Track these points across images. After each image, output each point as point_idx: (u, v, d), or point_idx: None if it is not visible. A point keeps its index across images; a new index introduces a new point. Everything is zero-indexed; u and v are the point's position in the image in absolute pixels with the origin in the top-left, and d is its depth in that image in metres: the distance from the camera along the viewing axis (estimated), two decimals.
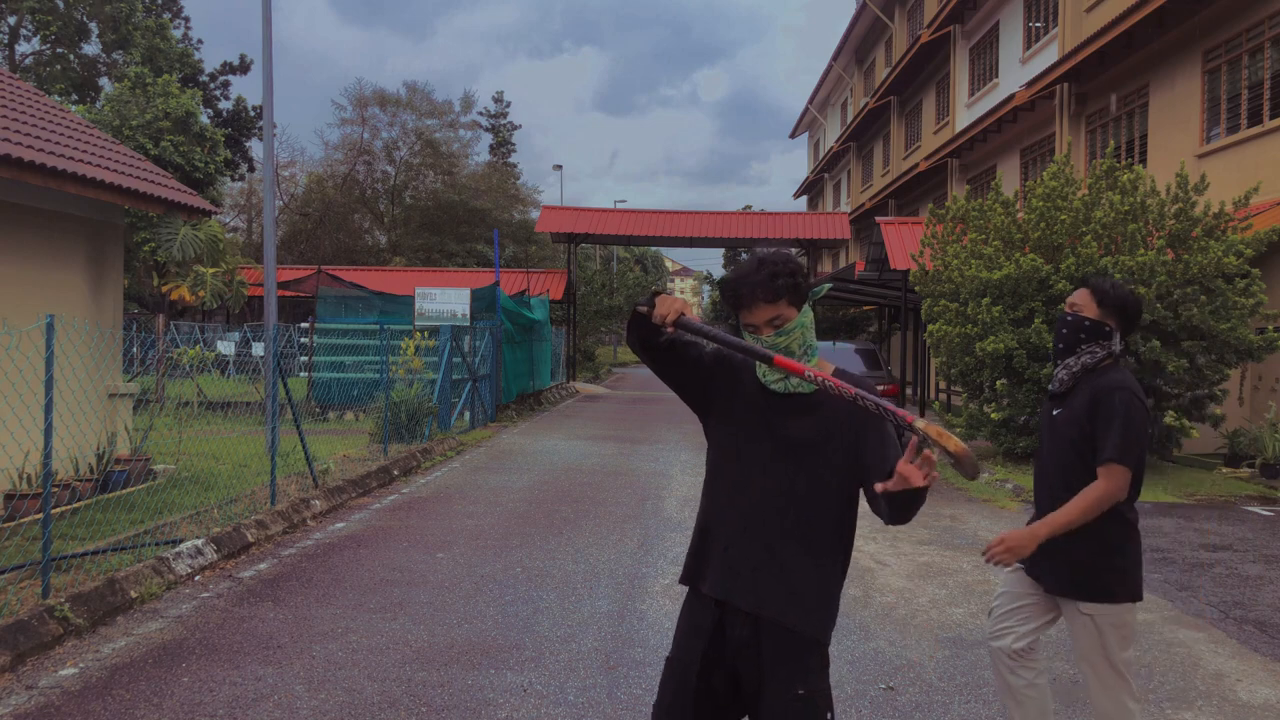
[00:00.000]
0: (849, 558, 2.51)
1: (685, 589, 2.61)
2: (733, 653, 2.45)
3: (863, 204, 34.05)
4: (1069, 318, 3.31)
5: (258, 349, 20.54)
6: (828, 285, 2.69)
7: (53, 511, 5.89)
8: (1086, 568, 3.23)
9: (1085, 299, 3.31)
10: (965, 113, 24.58)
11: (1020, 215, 12.55)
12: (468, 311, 16.82)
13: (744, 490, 2.48)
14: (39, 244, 8.37)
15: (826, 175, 46.25)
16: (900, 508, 2.29)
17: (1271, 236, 10.94)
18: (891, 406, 2.22)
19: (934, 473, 2.15)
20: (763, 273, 2.41)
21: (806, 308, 2.48)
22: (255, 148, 39.93)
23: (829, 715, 2.44)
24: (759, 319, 2.43)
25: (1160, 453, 11.80)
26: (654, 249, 71.90)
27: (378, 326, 17.11)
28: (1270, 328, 10.97)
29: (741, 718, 2.52)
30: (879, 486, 2.23)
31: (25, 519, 6.83)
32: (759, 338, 2.43)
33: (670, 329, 2.37)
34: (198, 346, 20.89)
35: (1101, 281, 3.34)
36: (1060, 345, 3.34)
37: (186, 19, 41.88)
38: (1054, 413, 3.38)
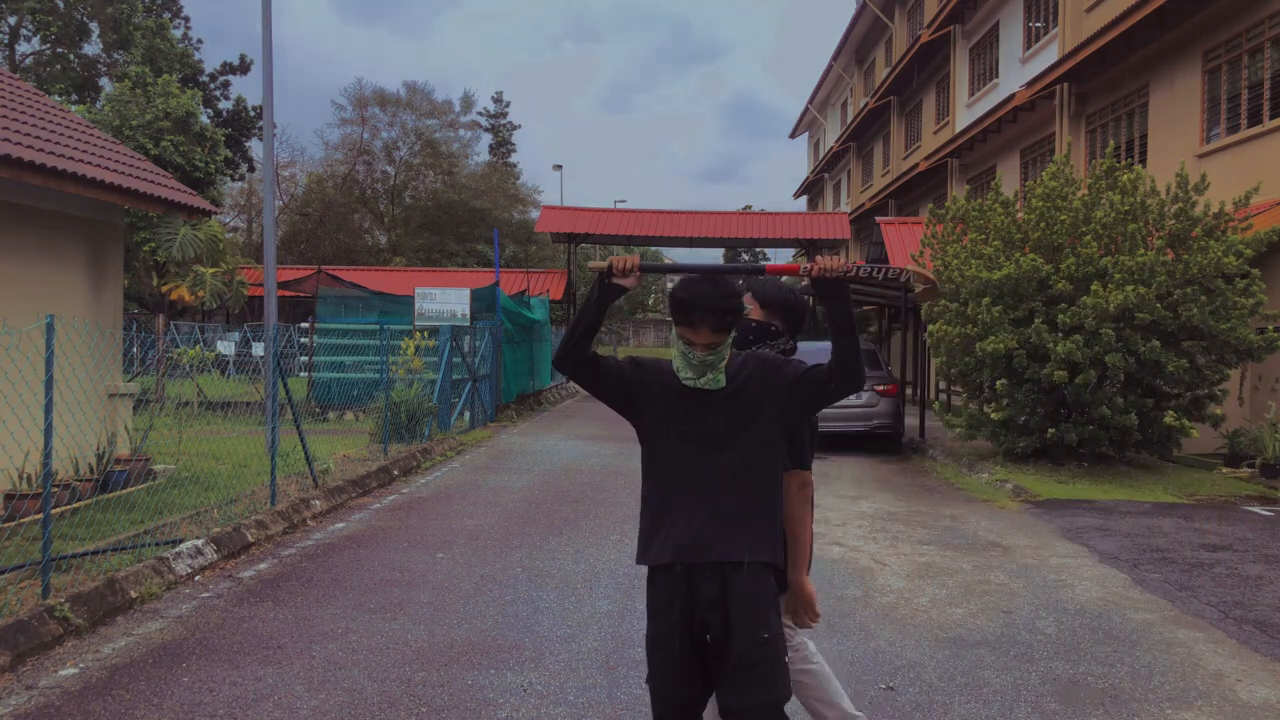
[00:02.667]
0: (780, 486, 2.93)
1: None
2: (703, 613, 2.76)
3: (863, 204, 34.03)
4: (753, 325, 3.40)
5: (258, 349, 20.53)
6: (746, 307, 3.07)
7: (53, 511, 5.89)
8: None
9: (750, 302, 3.40)
10: (965, 113, 24.57)
11: (1020, 215, 12.55)
12: (468, 311, 16.81)
13: (692, 463, 2.80)
14: (39, 244, 8.37)
15: (826, 175, 46.24)
16: (833, 334, 2.78)
17: (1271, 236, 10.94)
18: (881, 265, 2.82)
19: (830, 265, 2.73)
20: (720, 306, 2.72)
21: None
22: (255, 148, 39.94)
23: (785, 659, 2.84)
24: (700, 340, 2.75)
25: (1160, 453, 11.80)
26: (654, 249, 71.86)
27: (378, 326, 17.11)
28: (1270, 328, 10.96)
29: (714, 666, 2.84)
30: (809, 267, 2.73)
31: (25, 519, 6.83)
32: (692, 351, 2.76)
33: (635, 276, 2.76)
34: (198, 346, 20.88)
35: (762, 286, 3.42)
36: (735, 348, 3.42)
37: (186, 19, 41.88)
38: None
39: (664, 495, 2.84)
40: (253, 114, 37.95)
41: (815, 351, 15.69)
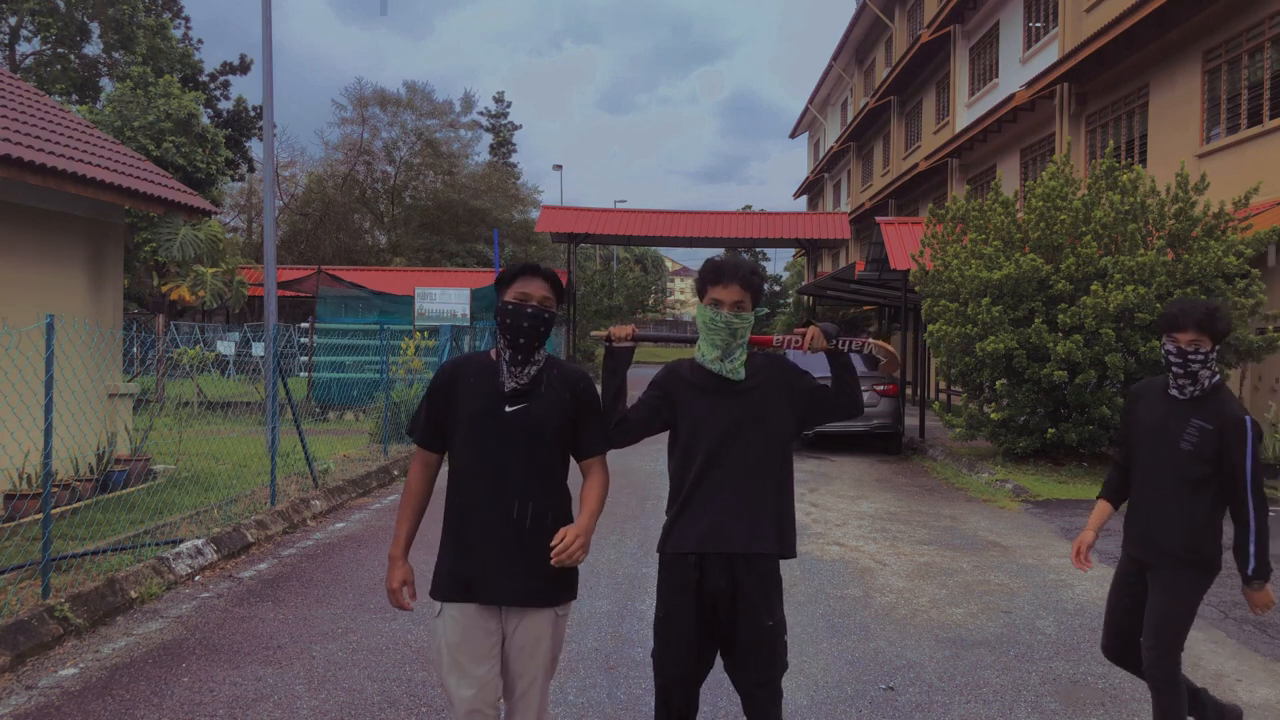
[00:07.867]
0: (790, 478, 3.15)
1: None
2: (710, 601, 2.99)
3: (863, 204, 34.02)
4: (545, 314, 2.95)
5: (258, 349, 20.53)
6: (764, 309, 3.10)
7: (53, 511, 5.89)
8: (563, 570, 3.02)
9: (547, 289, 2.99)
10: (965, 112, 24.57)
11: (1020, 215, 12.54)
12: (468, 311, 16.82)
13: (710, 456, 3.00)
14: (39, 244, 8.37)
15: (826, 175, 46.23)
16: (835, 371, 3.13)
17: (1272, 237, 10.93)
18: (848, 339, 3.10)
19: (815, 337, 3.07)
20: (747, 268, 3.05)
21: (755, 312, 3.12)
22: (255, 148, 39.91)
23: (784, 638, 3.08)
24: (729, 297, 3.00)
25: None
26: (654, 249, 71.88)
27: (378, 326, 17.11)
28: (1270, 328, 10.96)
29: (716, 652, 3.10)
30: (781, 339, 3.12)
31: (25, 519, 6.84)
32: (720, 313, 2.98)
33: (631, 342, 3.12)
34: (198, 346, 20.88)
35: (551, 270, 3.07)
36: (537, 343, 2.97)
37: (186, 19, 41.83)
38: (510, 409, 2.98)
39: (687, 487, 3.05)
40: (253, 114, 37.94)
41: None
